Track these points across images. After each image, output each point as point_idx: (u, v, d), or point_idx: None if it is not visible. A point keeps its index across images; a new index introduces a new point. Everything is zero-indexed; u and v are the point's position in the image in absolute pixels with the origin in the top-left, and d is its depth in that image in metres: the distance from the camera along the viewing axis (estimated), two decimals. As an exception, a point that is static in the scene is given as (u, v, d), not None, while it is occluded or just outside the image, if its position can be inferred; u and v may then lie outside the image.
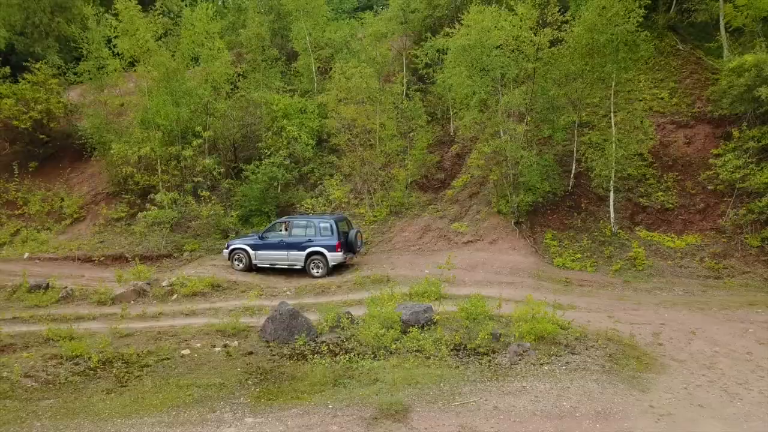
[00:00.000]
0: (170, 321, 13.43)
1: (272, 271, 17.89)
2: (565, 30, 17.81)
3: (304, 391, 9.15)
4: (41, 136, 25.72)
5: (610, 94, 17.87)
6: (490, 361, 10.10)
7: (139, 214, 21.35)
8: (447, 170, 23.19)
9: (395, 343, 10.63)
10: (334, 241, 17.02)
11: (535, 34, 18.03)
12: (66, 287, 15.78)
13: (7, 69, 26.97)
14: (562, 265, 17.53)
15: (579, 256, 17.85)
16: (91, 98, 24.47)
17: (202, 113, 22.46)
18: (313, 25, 26.74)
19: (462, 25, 19.00)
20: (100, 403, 8.91)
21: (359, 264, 17.88)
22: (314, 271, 17.15)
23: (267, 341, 11.54)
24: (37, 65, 26.32)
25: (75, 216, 23.49)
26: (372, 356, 10.36)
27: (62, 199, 24.32)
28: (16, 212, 23.90)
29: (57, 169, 26.78)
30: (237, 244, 18.08)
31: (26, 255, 20.71)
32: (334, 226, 17.22)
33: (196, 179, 21.59)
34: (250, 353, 11.02)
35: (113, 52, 22.73)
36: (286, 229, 17.83)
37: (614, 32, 16.58)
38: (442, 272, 15.38)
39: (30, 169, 25.75)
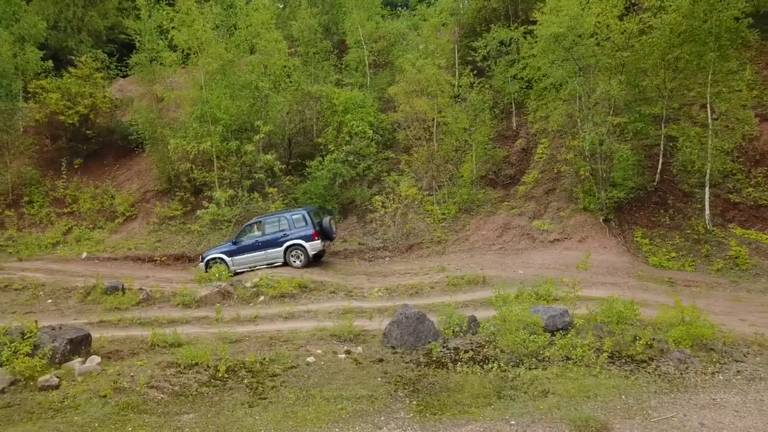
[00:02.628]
0: (270, 325, 12.55)
1: (354, 271, 17.03)
2: (659, 17, 16.89)
3: (468, 404, 8.26)
4: (87, 132, 24.89)
5: (707, 85, 16.93)
6: (655, 369, 9.20)
7: (198, 212, 20.47)
8: (515, 165, 22.30)
9: (545, 350, 9.73)
10: (310, 231, 16.96)
11: (620, 19, 17.14)
12: (145, 289, 14.91)
13: (50, 63, 26.17)
14: (659, 264, 16.63)
15: (674, 255, 16.95)
16: (143, 91, 23.57)
17: (261, 107, 21.56)
18: (367, 17, 25.87)
19: (542, 13, 18.15)
20: (248, 418, 8.02)
21: (444, 263, 16.98)
22: (295, 263, 16.87)
23: (393, 347, 10.63)
24: (82, 58, 25.50)
25: (127, 214, 22.62)
26: (520, 364, 9.46)
27: (112, 197, 23.47)
28: (66, 210, 23.05)
29: (102, 166, 25.98)
30: (212, 254, 17.56)
31: (84, 255, 19.86)
32: (308, 216, 17.18)
33: (257, 175, 20.69)
34: (380, 360, 10.11)
35: (169, 43, 21.85)
36: (259, 230, 17.48)
37: (719, 18, 15.64)
38: (566, 272, 14.45)
39: (75, 166, 24.90)
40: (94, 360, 9.80)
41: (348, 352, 10.55)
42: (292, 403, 8.48)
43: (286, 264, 16.98)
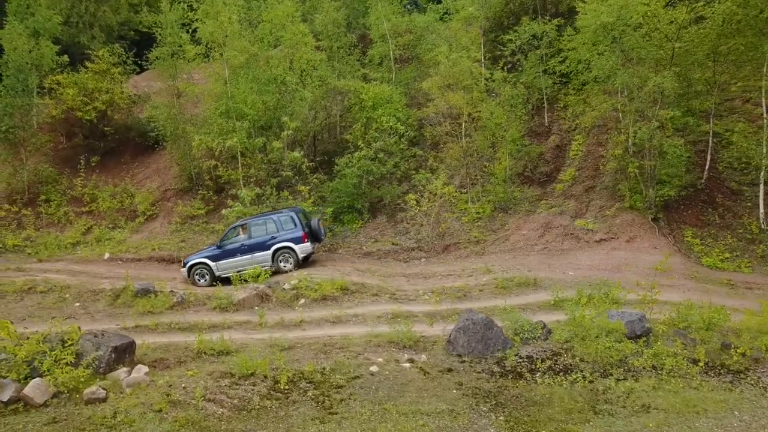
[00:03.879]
0: (318, 330, 11.78)
1: (391, 272, 16.25)
2: (711, 6, 16.12)
3: (562, 420, 7.51)
4: (105, 129, 24.12)
5: (763, 78, 16.16)
6: (757, 381, 8.43)
7: (224, 211, 19.66)
8: (549, 162, 21.51)
9: (632, 359, 8.96)
10: (300, 233, 16.17)
11: (670, 6, 16.38)
12: (178, 292, 14.15)
13: (66, 58, 25.38)
14: (713, 265, 15.83)
15: (728, 255, 16.16)
16: (163, 87, 22.78)
17: (287, 103, 20.78)
18: (392, 11, 25.11)
19: (584, 2, 17.39)
20: (322, 436, 7.27)
21: (486, 264, 16.20)
22: (283, 266, 16.04)
23: (459, 355, 9.87)
24: (99, 53, 24.74)
25: (148, 213, 21.84)
26: (607, 375, 8.70)
27: (132, 196, 22.68)
28: (84, 209, 22.27)
29: (119, 163, 25.19)
30: (195, 259, 16.64)
31: (107, 255, 19.08)
32: (297, 218, 16.38)
33: (284, 173, 19.91)
34: (449, 370, 9.35)
35: (192, 37, 21.08)
36: (245, 233, 16.64)
37: (779, 6, 14.88)
38: (618, 274, 13.70)
39: (92, 164, 24.11)
40: (142, 370, 9.04)
41: (411, 360, 9.79)
42: (366, 419, 7.72)
43: (275, 269, 16.03)
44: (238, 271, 16.12)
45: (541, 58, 22.56)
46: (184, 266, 16.79)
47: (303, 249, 16.15)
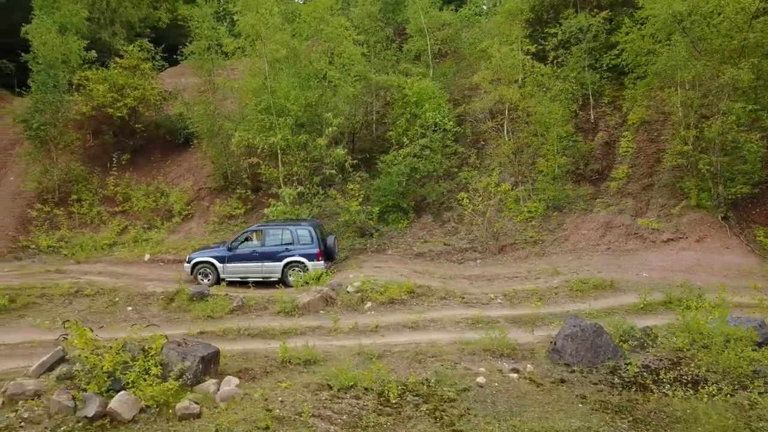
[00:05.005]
0: (398, 336, 11.05)
1: (449, 274, 15.53)
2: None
3: (717, 440, 6.77)
4: (136, 126, 23.42)
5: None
6: None
7: (266, 210, 18.90)
8: (599, 159, 20.77)
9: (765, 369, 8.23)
10: (315, 249, 15.35)
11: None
12: (237, 295, 13.42)
13: (93, 53, 24.66)
14: (791, 266, 15.10)
15: (804, 256, 15.43)
16: (198, 82, 22.06)
17: (329, 98, 20.05)
18: (429, 4, 24.39)
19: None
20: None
21: (551, 265, 15.46)
22: (292, 281, 15.11)
23: (567, 364, 9.13)
24: (128, 48, 24.03)
25: (184, 213, 21.12)
26: (746, 388, 7.96)
27: (166, 195, 21.96)
28: (117, 209, 21.56)
29: (149, 162, 24.48)
30: (201, 257, 15.91)
31: (147, 257, 18.36)
32: (314, 233, 15.55)
33: (328, 171, 19.17)
34: (562, 381, 8.62)
35: (229, 30, 20.37)
36: (258, 239, 15.96)
37: None
38: (695, 276, 12.97)
39: (122, 162, 23.40)
40: (232, 382, 8.31)
41: (516, 370, 9.05)
42: (495, 437, 6.99)
43: (282, 282, 15.18)
44: (243, 278, 15.51)
45: (589, 51, 21.86)
46: (188, 262, 15.98)
47: (315, 267, 15.23)
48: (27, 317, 13.11)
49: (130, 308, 13.51)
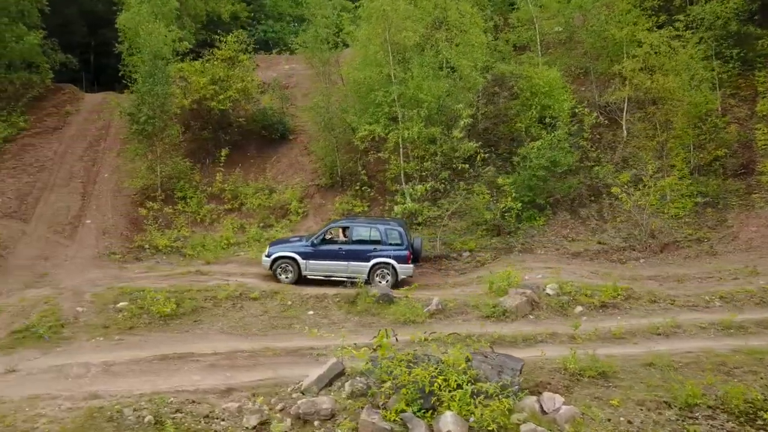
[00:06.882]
0: (652, 343, 9.98)
1: (623, 275, 14.44)
2: None
3: None
4: (239, 119, 22.40)
5: None
6: None
7: (396, 208, 17.86)
8: (738, 153, 19.65)
9: None
10: (405, 252, 14.30)
11: None
12: (432, 299, 12.35)
13: (186, 44, 23.57)
14: None
15: None
16: (312, 73, 21.00)
17: (459, 89, 18.99)
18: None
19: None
20: None
21: (741, 265, 14.36)
22: (380, 283, 14.13)
23: None
24: (227, 38, 22.94)
25: (300, 211, 20.06)
26: None
27: (273, 192, 20.88)
28: (226, 207, 20.49)
29: (245, 157, 23.31)
30: (283, 251, 14.79)
31: (279, 256, 17.24)
32: (404, 234, 14.50)
33: (461, 165, 18.10)
34: None
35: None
36: (345, 235, 14.98)
37: None
38: None
39: (222, 158, 22.29)
40: (556, 399, 7.23)
41: None
42: None
43: (368, 282, 13.97)
44: (326, 276, 14.46)
45: (716, 39, 20.74)
46: (267, 256, 14.84)
47: (404, 270, 14.28)
48: (203, 323, 12.07)
49: (311, 312, 12.46)
